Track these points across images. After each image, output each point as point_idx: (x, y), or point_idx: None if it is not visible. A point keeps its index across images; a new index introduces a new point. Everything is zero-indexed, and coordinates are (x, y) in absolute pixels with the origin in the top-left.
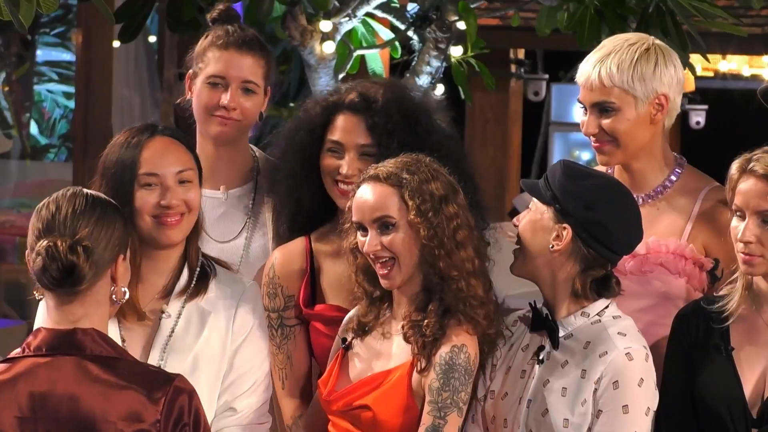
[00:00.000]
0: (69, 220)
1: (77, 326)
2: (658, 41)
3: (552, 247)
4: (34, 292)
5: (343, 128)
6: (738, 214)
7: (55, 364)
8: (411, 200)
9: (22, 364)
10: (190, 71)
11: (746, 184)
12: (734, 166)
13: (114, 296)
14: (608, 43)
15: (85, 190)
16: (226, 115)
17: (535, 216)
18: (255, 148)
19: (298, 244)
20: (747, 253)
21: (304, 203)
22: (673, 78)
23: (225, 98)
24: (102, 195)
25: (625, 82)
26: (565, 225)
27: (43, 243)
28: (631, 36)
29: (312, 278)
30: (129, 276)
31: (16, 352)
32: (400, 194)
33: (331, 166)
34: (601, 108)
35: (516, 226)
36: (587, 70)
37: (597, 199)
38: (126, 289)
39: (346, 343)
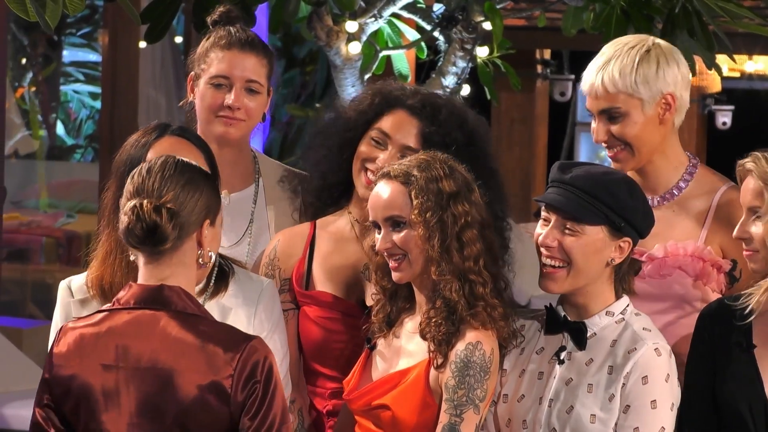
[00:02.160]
0: (157, 182)
1: (164, 283)
2: (658, 41)
3: (612, 261)
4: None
5: (397, 123)
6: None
7: (142, 317)
8: (416, 198)
9: (112, 317)
10: (192, 73)
11: (745, 182)
12: (740, 164)
13: (201, 260)
14: (608, 49)
15: (177, 157)
16: (231, 116)
17: (589, 239)
18: (256, 150)
19: (303, 229)
20: (746, 249)
21: (329, 178)
22: (677, 75)
23: (229, 98)
24: (193, 162)
25: (628, 86)
26: (626, 239)
27: (130, 203)
28: (630, 39)
29: (309, 262)
30: (218, 241)
31: (107, 306)
32: (408, 192)
33: (367, 154)
34: (608, 114)
35: (551, 246)
36: (590, 78)
37: (648, 207)
38: (213, 253)
39: (371, 343)
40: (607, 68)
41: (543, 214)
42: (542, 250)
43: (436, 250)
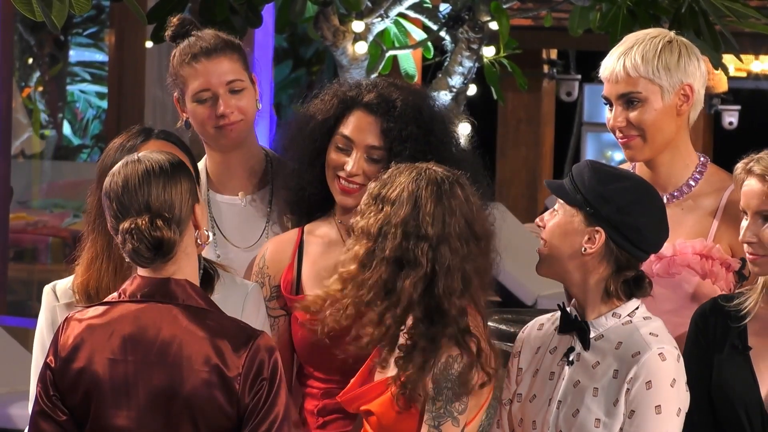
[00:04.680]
0: (138, 194)
1: (171, 276)
2: (679, 36)
3: (584, 250)
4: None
5: (357, 126)
6: (744, 214)
7: (148, 310)
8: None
9: (118, 308)
10: (175, 95)
11: (747, 185)
12: (739, 167)
13: (199, 240)
14: (630, 38)
15: (140, 158)
16: (227, 122)
17: (564, 219)
18: (268, 150)
19: (290, 235)
20: (751, 253)
21: (305, 190)
22: (697, 69)
23: (219, 107)
24: (155, 155)
25: (650, 72)
26: (597, 228)
27: (125, 225)
28: (652, 30)
29: (298, 267)
30: (207, 215)
31: (112, 296)
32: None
33: (336, 161)
34: (627, 100)
35: (540, 227)
36: (611, 63)
37: (630, 202)
38: (209, 232)
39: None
40: (629, 53)
41: None
42: None
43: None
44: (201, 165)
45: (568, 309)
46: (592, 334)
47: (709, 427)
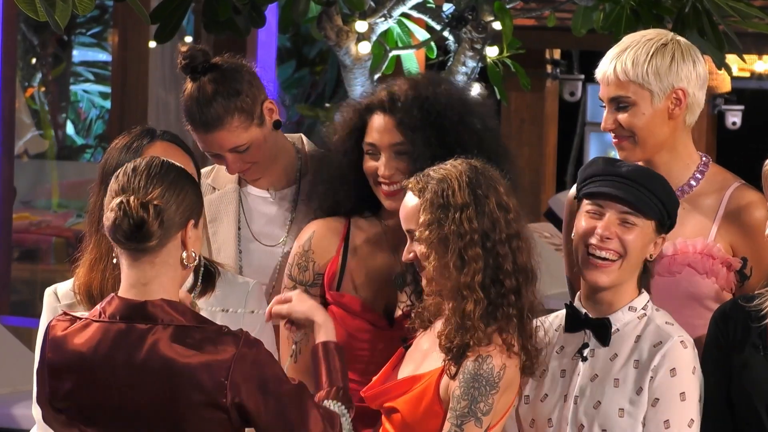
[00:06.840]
0: (143, 180)
1: (147, 294)
2: (678, 37)
3: (651, 257)
4: (113, 255)
5: (376, 129)
6: None
7: (130, 333)
8: (422, 214)
9: (99, 329)
10: None
11: None
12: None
13: (185, 260)
14: (627, 39)
15: (162, 158)
16: (242, 170)
17: (644, 231)
18: (306, 142)
19: (338, 223)
20: None
21: (343, 205)
22: (692, 73)
23: (228, 167)
24: (178, 164)
25: (639, 77)
26: (663, 236)
27: (117, 200)
28: (651, 32)
29: (343, 262)
30: (200, 243)
31: (93, 312)
32: (420, 205)
33: (370, 169)
34: (617, 103)
35: (609, 238)
36: (604, 66)
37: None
38: (195, 253)
39: (406, 343)
40: (621, 57)
41: (590, 207)
42: (593, 241)
43: (431, 268)
44: None
45: (576, 306)
46: (612, 330)
47: (728, 426)
